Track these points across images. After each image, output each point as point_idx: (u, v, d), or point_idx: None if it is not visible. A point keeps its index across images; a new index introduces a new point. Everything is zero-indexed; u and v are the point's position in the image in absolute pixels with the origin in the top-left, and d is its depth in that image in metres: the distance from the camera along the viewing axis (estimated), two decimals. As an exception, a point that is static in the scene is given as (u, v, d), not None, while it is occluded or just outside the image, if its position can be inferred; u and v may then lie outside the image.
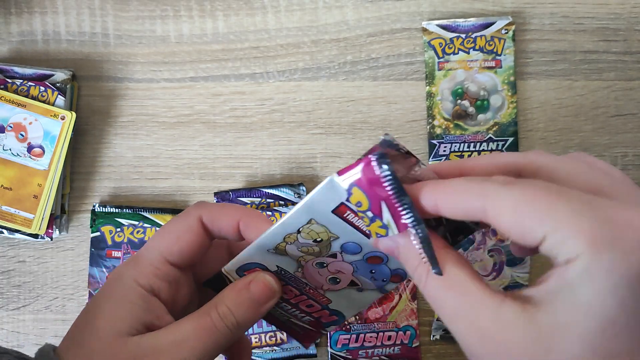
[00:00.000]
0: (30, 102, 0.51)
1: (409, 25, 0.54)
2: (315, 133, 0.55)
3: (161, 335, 0.31)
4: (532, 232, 0.23)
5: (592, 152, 0.54)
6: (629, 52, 0.54)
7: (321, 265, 0.33)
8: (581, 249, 0.22)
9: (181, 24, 0.55)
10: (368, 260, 0.32)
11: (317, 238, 0.31)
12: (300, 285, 0.34)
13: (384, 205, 0.26)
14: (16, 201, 0.51)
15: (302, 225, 0.30)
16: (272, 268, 0.33)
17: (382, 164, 0.25)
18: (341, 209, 0.28)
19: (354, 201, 0.27)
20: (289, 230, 0.31)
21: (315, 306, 0.36)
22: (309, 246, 0.31)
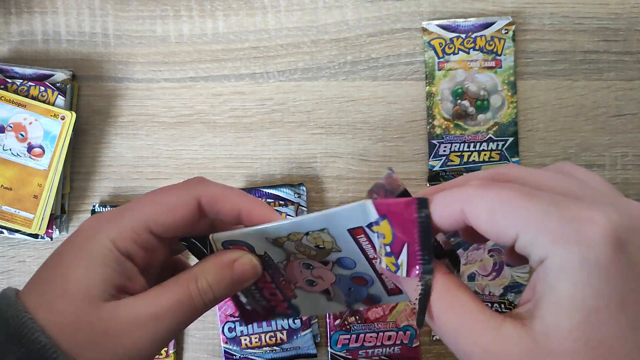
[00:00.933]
0: (30, 102, 0.51)
1: (409, 25, 0.54)
2: (315, 133, 0.55)
3: (138, 305, 0.30)
4: (505, 232, 0.25)
5: (592, 152, 0.54)
6: (629, 52, 0.54)
7: (308, 266, 0.33)
8: (550, 247, 0.23)
9: (181, 24, 0.55)
10: (353, 279, 0.33)
11: (320, 245, 0.31)
12: (276, 275, 0.34)
13: (405, 248, 0.27)
14: (16, 201, 0.51)
15: (313, 230, 0.30)
16: (259, 252, 0.33)
17: (423, 208, 0.26)
18: (357, 231, 0.29)
19: (379, 230, 0.28)
20: (298, 230, 0.31)
21: (278, 296, 0.35)
22: (309, 249, 0.32)
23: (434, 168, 0.54)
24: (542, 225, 0.24)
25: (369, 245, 0.30)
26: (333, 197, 0.54)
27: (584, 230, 0.23)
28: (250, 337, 0.53)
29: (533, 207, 0.24)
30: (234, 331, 0.53)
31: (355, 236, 0.30)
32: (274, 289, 0.35)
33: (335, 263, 0.32)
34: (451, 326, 0.26)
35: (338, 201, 0.54)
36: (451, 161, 0.54)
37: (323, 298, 0.34)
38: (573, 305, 0.23)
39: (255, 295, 0.35)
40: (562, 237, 0.23)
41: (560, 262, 0.23)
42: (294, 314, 0.36)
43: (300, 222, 0.30)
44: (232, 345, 0.53)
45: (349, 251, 0.31)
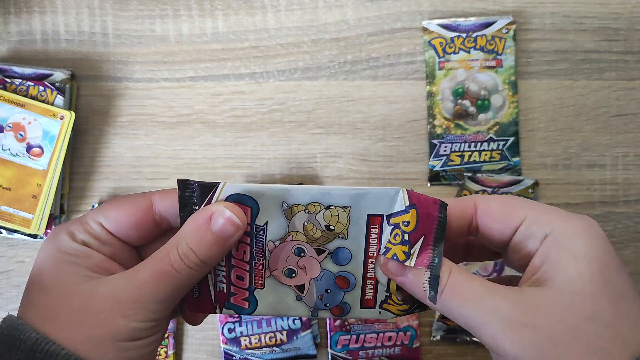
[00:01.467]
0: (30, 102, 0.51)
1: (410, 24, 0.54)
2: (315, 133, 0.54)
3: (117, 280, 0.30)
4: (514, 215, 0.31)
5: (593, 152, 0.54)
6: (630, 52, 0.54)
7: (299, 252, 0.33)
8: (558, 221, 0.30)
9: (181, 24, 0.55)
10: (337, 279, 0.33)
11: (332, 225, 0.32)
12: (257, 256, 0.33)
13: (421, 239, 0.30)
14: (15, 201, 0.51)
15: (336, 205, 0.31)
16: (260, 220, 0.32)
17: (443, 210, 0.31)
18: (375, 219, 0.32)
19: (402, 219, 0.31)
20: (322, 200, 0.31)
21: (243, 282, 0.34)
22: (316, 228, 0.32)
23: (434, 168, 0.54)
24: (547, 209, 0.30)
25: (376, 239, 0.32)
26: (333, 197, 0.54)
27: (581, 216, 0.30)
28: (250, 338, 0.53)
29: (534, 203, 0.31)
30: (234, 332, 0.53)
31: (370, 225, 0.32)
32: (244, 272, 0.33)
33: (330, 253, 0.33)
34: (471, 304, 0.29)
35: (338, 201, 0.54)
36: (452, 161, 0.54)
37: (292, 295, 0.34)
38: (590, 258, 0.28)
39: (220, 273, 0.33)
40: (567, 216, 0.30)
41: (572, 230, 0.29)
42: (248, 310, 0.34)
43: (329, 191, 0.31)
44: (232, 346, 0.53)
45: (353, 241, 0.32)
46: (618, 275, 0.28)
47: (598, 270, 0.28)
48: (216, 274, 0.33)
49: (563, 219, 0.29)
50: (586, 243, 0.28)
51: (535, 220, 0.30)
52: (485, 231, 0.32)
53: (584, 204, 0.54)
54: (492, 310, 0.28)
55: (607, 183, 0.54)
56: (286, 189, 0.32)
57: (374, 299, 0.34)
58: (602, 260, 0.28)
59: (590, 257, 0.28)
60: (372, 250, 0.33)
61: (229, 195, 0.32)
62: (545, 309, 0.27)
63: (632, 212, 0.54)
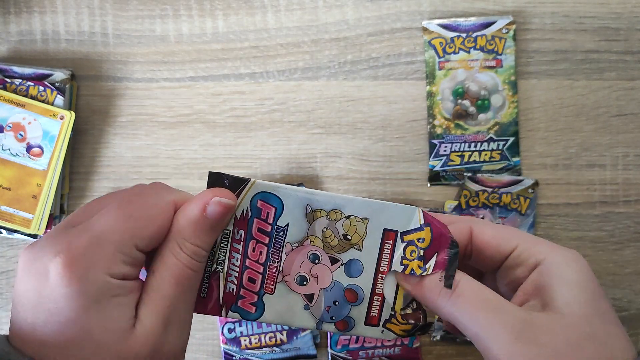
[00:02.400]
0: (30, 102, 0.51)
1: (410, 24, 0.54)
2: (315, 133, 0.54)
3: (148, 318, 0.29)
4: (507, 242, 0.33)
5: (593, 152, 0.54)
6: (630, 52, 0.54)
7: (314, 258, 0.33)
8: (549, 251, 0.32)
9: (181, 24, 0.55)
10: (346, 291, 0.34)
11: (349, 235, 0.33)
12: (273, 257, 0.33)
13: (435, 256, 0.33)
14: (15, 201, 0.51)
15: (356, 216, 0.33)
16: (282, 222, 0.33)
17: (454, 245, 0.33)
18: (390, 235, 0.33)
19: (417, 236, 0.33)
20: (344, 208, 0.33)
21: (254, 285, 0.33)
22: (334, 236, 0.33)
23: (434, 168, 0.54)
24: (537, 240, 0.33)
25: (388, 255, 0.33)
26: (333, 197, 0.54)
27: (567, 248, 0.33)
28: (250, 338, 0.53)
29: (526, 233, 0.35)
30: (234, 332, 0.53)
31: (385, 239, 0.33)
32: (257, 274, 0.33)
33: (344, 264, 0.33)
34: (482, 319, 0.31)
35: (338, 201, 0.54)
36: (452, 161, 0.54)
37: (301, 304, 0.34)
38: (582, 285, 0.31)
39: (231, 271, 0.33)
40: (556, 247, 0.33)
41: (562, 259, 0.32)
42: (254, 315, 0.34)
43: (352, 201, 0.33)
44: (232, 346, 0.53)
45: (367, 254, 0.33)
46: (604, 301, 0.31)
47: (590, 296, 0.31)
48: (229, 273, 0.33)
49: (553, 250, 0.32)
50: (576, 272, 0.31)
51: (526, 249, 0.33)
52: (478, 255, 0.34)
53: (583, 204, 0.54)
54: (504, 323, 0.30)
55: (607, 183, 0.54)
56: (313, 193, 0.32)
57: (378, 316, 0.34)
58: (591, 288, 0.31)
59: (582, 284, 0.31)
60: (383, 266, 0.33)
61: (257, 193, 0.32)
62: (550, 329, 0.30)
63: (632, 212, 0.54)
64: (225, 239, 0.33)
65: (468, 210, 0.53)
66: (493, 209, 0.53)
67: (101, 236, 0.28)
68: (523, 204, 0.53)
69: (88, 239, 0.28)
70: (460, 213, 0.53)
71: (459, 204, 0.53)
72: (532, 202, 0.53)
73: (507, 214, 0.53)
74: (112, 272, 0.28)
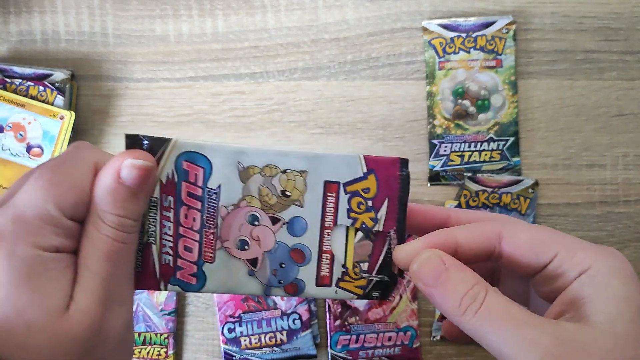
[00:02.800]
0: (30, 102, 0.51)
1: (410, 24, 0.54)
2: (315, 133, 0.54)
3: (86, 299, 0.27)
4: (545, 250, 0.29)
5: (593, 152, 0.54)
6: (630, 52, 0.54)
7: (253, 220, 0.31)
8: (594, 258, 0.28)
9: (181, 24, 0.55)
10: (292, 252, 0.32)
11: (288, 192, 0.31)
12: (209, 223, 0.31)
13: (386, 202, 0.31)
14: (15, 201, 0.51)
15: (292, 169, 0.30)
16: (213, 183, 0.30)
17: (405, 167, 0.32)
18: (332, 187, 0.31)
19: (361, 186, 0.31)
20: (278, 163, 0.30)
21: (192, 255, 0.31)
22: (272, 193, 0.31)
23: (434, 168, 0.54)
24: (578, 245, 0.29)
25: (332, 209, 0.31)
26: (333, 197, 0.54)
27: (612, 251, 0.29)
28: (250, 338, 0.53)
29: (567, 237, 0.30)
30: (234, 332, 0.53)
31: (327, 192, 0.31)
32: (194, 242, 0.31)
33: (286, 223, 0.31)
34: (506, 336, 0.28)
35: (338, 201, 0.54)
36: (452, 161, 0.54)
37: (244, 270, 0.31)
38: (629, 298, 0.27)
39: (165, 241, 0.31)
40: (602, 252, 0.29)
41: (608, 268, 0.28)
42: (196, 286, 0.31)
43: (286, 153, 0.30)
44: (232, 346, 0.53)
45: (309, 210, 0.31)
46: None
47: (636, 312, 0.27)
48: (162, 244, 0.30)
49: (598, 257, 0.29)
50: (623, 283, 0.28)
51: (567, 258, 0.29)
52: (511, 261, 0.31)
53: (583, 204, 0.54)
54: (532, 342, 0.27)
55: (607, 183, 0.54)
56: (242, 148, 0.30)
57: (330, 275, 0.32)
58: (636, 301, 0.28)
59: (628, 297, 0.27)
60: (328, 221, 0.31)
61: (180, 153, 0.30)
62: (586, 349, 0.26)
63: (632, 212, 0.54)
64: (153, 207, 0.30)
65: (468, 210, 0.53)
66: (493, 209, 0.53)
67: (24, 210, 0.27)
68: (523, 204, 0.53)
69: (12, 215, 0.26)
70: (460, 213, 0.53)
71: (459, 204, 0.53)
72: (532, 202, 0.53)
73: (507, 214, 0.53)
74: (42, 245, 0.26)
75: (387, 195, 0.31)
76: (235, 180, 0.30)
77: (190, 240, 0.31)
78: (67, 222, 0.27)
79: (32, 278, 0.26)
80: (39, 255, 0.26)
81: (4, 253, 0.26)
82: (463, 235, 0.30)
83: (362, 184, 0.31)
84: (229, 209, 0.31)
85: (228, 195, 0.31)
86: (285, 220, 0.31)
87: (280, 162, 0.30)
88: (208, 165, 0.30)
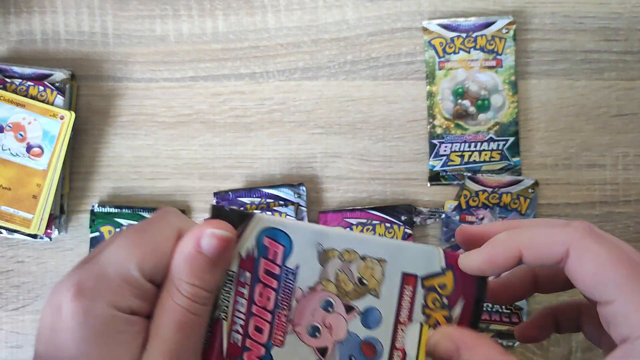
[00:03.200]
0: (30, 102, 0.51)
1: (410, 24, 0.54)
2: (315, 133, 0.54)
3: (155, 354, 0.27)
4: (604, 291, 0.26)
5: (593, 152, 0.54)
6: (630, 52, 0.54)
7: (327, 306, 0.30)
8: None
9: (180, 24, 0.55)
10: (363, 345, 0.30)
11: (365, 280, 0.30)
12: (282, 303, 0.30)
13: (461, 301, 0.30)
14: (15, 201, 0.51)
15: (372, 256, 0.30)
16: (291, 263, 0.30)
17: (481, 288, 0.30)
18: (410, 279, 0.30)
19: (438, 282, 0.30)
20: (358, 248, 0.30)
21: (261, 336, 0.30)
22: (349, 280, 0.30)
23: (434, 168, 0.54)
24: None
25: (408, 303, 0.30)
26: (333, 197, 0.54)
27: None
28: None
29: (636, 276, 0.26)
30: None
31: (404, 284, 0.30)
32: (266, 322, 0.30)
33: (360, 314, 0.30)
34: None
35: (338, 201, 0.54)
36: (452, 161, 0.54)
37: (313, 358, 0.30)
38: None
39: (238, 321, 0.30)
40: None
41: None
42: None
43: (365, 239, 0.30)
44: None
45: (385, 302, 0.30)
46: None
47: None
48: (233, 321, 0.30)
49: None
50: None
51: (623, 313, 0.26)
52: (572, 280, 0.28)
53: (583, 204, 0.54)
54: None
55: (607, 183, 0.54)
56: (324, 230, 0.30)
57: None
58: None
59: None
60: (403, 316, 0.30)
61: (263, 229, 0.29)
62: None
63: (632, 212, 0.54)
64: (229, 282, 0.30)
65: (468, 210, 0.53)
66: (493, 209, 0.53)
67: (107, 267, 0.27)
68: (523, 204, 0.53)
69: (96, 271, 0.27)
70: (460, 213, 0.53)
71: (459, 204, 0.53)
72: (532, 202, 0.53)
73: (507, 214, 0.53)
74: (119, 305, 0.27)
75: (463, 294, 0.30)
76: (313, 262, 0.30)
77: (262, 320, 0.30)
78: (145, 284, 0.28)
79: (105, 338, 0.26)
80: (114, 315, 0.26)
81: (83, 309, 0.26)
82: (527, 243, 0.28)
83: (440, 280, 0.30)
84: (304, 292, 0.30)
85: (305, 277, 0.30)
86: (359, 309, 0.30)
87: (360, 247, 0.30)
88: (289, 243, 0.30)
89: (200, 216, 0.54)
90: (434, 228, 0.54)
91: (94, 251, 0.29)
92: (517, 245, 0.28)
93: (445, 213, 0.53)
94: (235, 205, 0.53)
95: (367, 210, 0.53)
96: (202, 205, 0.54)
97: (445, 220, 0.53)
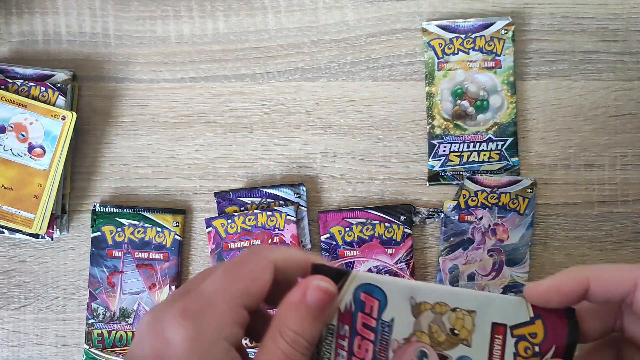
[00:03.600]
0: (31, 102, 0.51)
1: (409, 25, 0.55)
2: (315, 133, 0.55)
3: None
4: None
5: (592, 152, 0.54)
6: (628, 53, 0.54)
7: (422, 356, 0.31)
8: None
9: (181, 25, 0.55)
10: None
11: (457, 330, 0.31)
12: (380, 356, 0.31)
13: (553, 349, 0.30)
14: (17, 201, 0.51)
15: (462, 308, 0.31)
16: (386, 316, 0.31)
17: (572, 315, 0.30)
18: (499, 329, 0.31)
19: (528, 331, 0.31)
20: (449, 301, 0.31)
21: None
22: (441, 330, 0.31)
23: (433, 168, 0.54)
24: None
25: (499, 352, 0.31)
26: (333, 197, 0.55)
27: None
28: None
29: None
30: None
31: (494, 334, 0.31)
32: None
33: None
34: None
35: (338, 201, 0.54)
36: (451, 161, 0.54)
37: None
38: None
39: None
40: None
41: None
42: None
43: (455, 292, 0.31)
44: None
45: (476, 350, 0.31)
46: None
47: None
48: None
49: None
50: None
51: None
52: None
53: (582, 204, 0.54)
54: None
55: (605, 183, 0.54)
56: (416, 284, 0.31)
57: None
58: None
59: None
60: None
61: (359, 285, 0.31)
62: None
63: (630, 212, 0.54)
64: (330, 334, 0.31)
65: (467, 210, 0.53)
66: (492, 209, 0.53)
67: (213, 298, 0.29)
68: (522, 204, 0.53)
69: (202, 302, 0.29)
70: (459, 213, 0.53)
71: (458, 203, 0.53)
72: (531, 202, 0.53)
73: (505, 214, 0.53)
74: (225, 332, 0.28)
75: (555, 343, 0.31)
76: (407, 314, 0.31)
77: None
78: (244, 313, 0.29)
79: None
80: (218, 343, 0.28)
81: (191, 333, 0.27)
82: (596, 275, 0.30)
83: (529, 329, 0.31)
84: (400, 343, 0.31)
85: (400, 329, 0.31)
86: (453, 359, 0.31)
87: (450, 300, 0.31)
88: (383, 298, 0.31)
89: (201, 216, 0.54)
90: (433, 228, 0.54)
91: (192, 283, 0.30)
92: (587, 275, 0.29)
93: (445, 213, 0.53)
94: (236, 205, 0.53)
95: (367, 210, 0.53)
96: (203, 205, 0.55)
97: (444, 220, 0.53)
